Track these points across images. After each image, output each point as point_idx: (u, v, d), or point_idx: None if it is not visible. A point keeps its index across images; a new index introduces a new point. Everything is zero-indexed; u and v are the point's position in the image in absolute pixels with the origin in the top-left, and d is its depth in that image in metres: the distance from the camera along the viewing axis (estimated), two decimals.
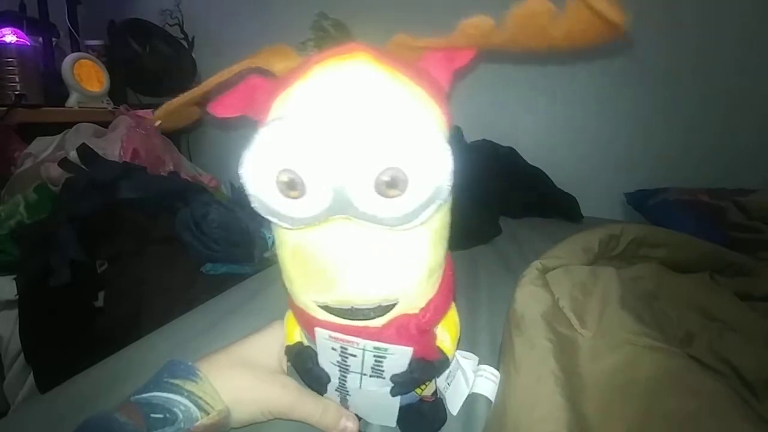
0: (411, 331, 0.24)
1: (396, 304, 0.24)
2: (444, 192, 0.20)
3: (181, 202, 0.79)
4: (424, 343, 0.25)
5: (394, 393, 0.27)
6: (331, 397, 0.29)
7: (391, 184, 0.19)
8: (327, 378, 0.27)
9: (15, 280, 0.66)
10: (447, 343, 0.28)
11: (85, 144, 0.84)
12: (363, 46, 0.21)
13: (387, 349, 0.24)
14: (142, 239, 0.72)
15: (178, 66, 1.25)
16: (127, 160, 0.90)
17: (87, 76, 1.08)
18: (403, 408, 0.29)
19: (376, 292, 0.23)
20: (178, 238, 0.72)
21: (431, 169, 0.19)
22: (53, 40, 1.12)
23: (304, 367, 0.28)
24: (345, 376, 0.27)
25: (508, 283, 0.38)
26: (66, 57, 1.06)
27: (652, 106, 1.01)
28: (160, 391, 0.25)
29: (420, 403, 0.30)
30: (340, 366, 0.26)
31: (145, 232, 0.73)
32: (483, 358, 0.35)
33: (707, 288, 0.42)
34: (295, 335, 0.29)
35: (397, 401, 0.28)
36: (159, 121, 0.28)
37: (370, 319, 0.24)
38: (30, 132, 0.91)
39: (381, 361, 0.25)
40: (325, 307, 0.24)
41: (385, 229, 0.21)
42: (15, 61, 0.95)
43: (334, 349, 0.25)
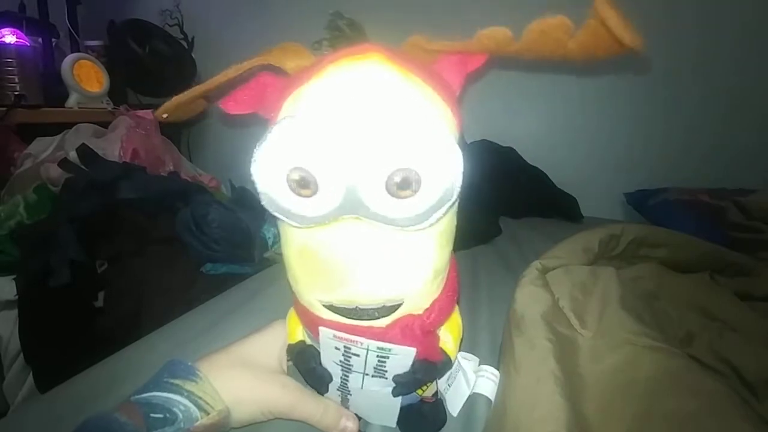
0: (415, 331, 0.24)
1: (401, 305, 0.24)
2: (454, 194, 0.20)
3: (181, 202, 0.79)
4: (427, 344, 0.25)
5: (395, 393, 0.27)
6: (331, 397, 0.29)
7: (402, 185, 0.19)
8: (329, 377, 0.27)
9: (15, 280, 0.66)
10: (450, 345, 0.28)
11: (84, 144, 0.84)
12: (377, 46, 0.21)
13: (390, 349, 0.24)
14: (142, 239, 0.72)
15: (178, 66, 1.25)
16: (127, 161, 0.90)
17: (87, 76, 1.07)
18: (404, 408, 0.29)
19: (383, 293, 0.23)
20: (178, 238, 0.72)
21: (442, 170, 0.19)
22: (53, 40, 1.12)
23: (306, 366, 0.28)
24: (347, 376, 0.27)
25: (508, 283, 0.38)
26: (66, 57, 1.05)
27: (652, 106, 1.01)
28: (160, 391, 0.25)
29: (421, 403, 0.30)
30: (342, 365, 0.26)
31: (145, 232, 0.73)
32: (483, 358, 0.35)
33: (707, 288, 0.42)
34: (297, 334, 0.29)
35: (398, 402, 0.28)
36: (166, 114, 0.28)
37: (374, 319, 0.24)
38: (30, 132, 0.91)
39: (384, 362, 0.25)
40: (330, 307, 0.24)
41: (395, 229, 0.21)
42: (15, 62, 0.95)
43: (337, 348, 0.25)
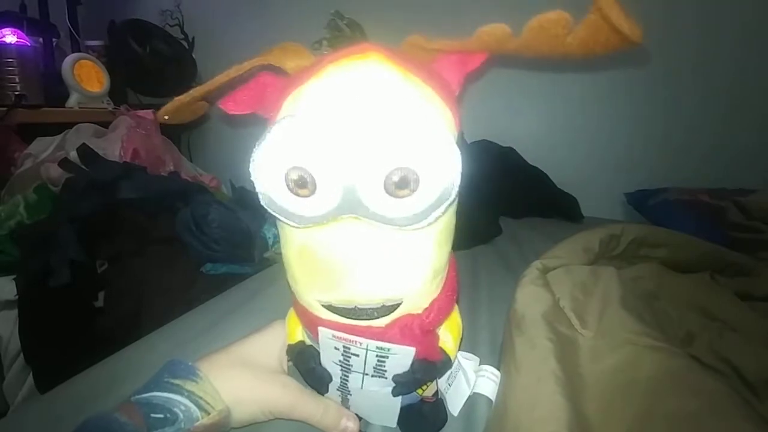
0: (414, 331, 0.24)
1: (400, 304, 0.24)
2: (453, 193, 0.20)
3: (182, 202, 0.79)
4: (426, 343, 0.25)
5: (395, 393, 0.27)
6: (332, 397, 0.29)
7: (400, 185, 0.19)
8: (329, 377, 0.27)
9: (15, 280, 0.66)
10: (449, 344, 0.28)
11: (85, 144, 0.84)
12: (376, 46, 0.21)
13: (390, 349, 0.24)
14: (142, 239, 0.71)
15: (178, 66, 1.25)
16: (127, 160, 0.90)
17: (87, 76, 1.08)
18: (404, 408, 0.29)
19: (382, 293, 0.23)
20: (179, 238, 0.72)
21: (441, 170, 0.19)
22: (53, 40, 1.12)
23: (306, 366, 0.28)
24: (347, 376, 0.27)
25: (509, 283, 0.38)
26: (66, 57, 1.06)
27: (652, 106, 1.01)
28: (160, 391, 0.25)
29: (421, 403, 0.30)
30: (342, 365, 0.26)
31: (145, 232, 0.73)
32: (483, 358, 0.35)
33: (707, 288, 0.42)
34: (297, 334, 0.29)
35: (398, 401, 0.28)
36: (167, 116, 0.28)
37: (373, 318, 0.24)
38: (30, 132, 0.91)
39: (383, 361, 0.25)
40: (329, 307, 0.24)
41: (393, 229, 0.21)
42: (15, 62, 0.95)
43: (336, 348, 0.25)
